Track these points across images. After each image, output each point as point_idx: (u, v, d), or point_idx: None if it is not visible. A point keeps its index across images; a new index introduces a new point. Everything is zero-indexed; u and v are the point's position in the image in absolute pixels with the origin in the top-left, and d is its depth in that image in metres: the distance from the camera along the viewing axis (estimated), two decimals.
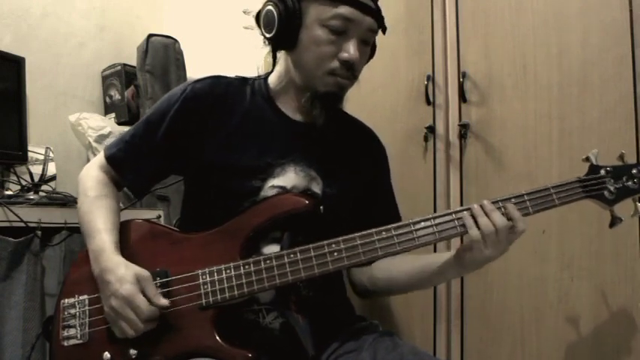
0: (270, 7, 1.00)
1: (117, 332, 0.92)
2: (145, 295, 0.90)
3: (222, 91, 1.07)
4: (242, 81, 1.11)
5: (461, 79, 1.44)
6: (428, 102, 1.48)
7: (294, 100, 1.07)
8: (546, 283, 1.29)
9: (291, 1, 0.98)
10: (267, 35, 1.02)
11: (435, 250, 1.42)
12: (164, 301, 0.91)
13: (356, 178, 1.11)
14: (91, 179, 1.08)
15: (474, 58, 1.43)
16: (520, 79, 1.36)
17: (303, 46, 1.00)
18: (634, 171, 0.96)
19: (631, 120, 1.19)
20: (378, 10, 1.02)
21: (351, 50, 0.98)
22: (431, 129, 1.48)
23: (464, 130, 1.43)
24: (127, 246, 1.00)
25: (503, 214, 0.92)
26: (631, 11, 1.19)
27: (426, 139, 1.49)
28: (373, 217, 1.05)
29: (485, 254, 0.92)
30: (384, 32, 1.05)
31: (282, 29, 0.99)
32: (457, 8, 1.46)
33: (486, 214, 0.91)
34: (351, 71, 1.01)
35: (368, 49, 1.05)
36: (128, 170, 1.09)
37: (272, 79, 1.11)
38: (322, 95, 1.01)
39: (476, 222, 0.91)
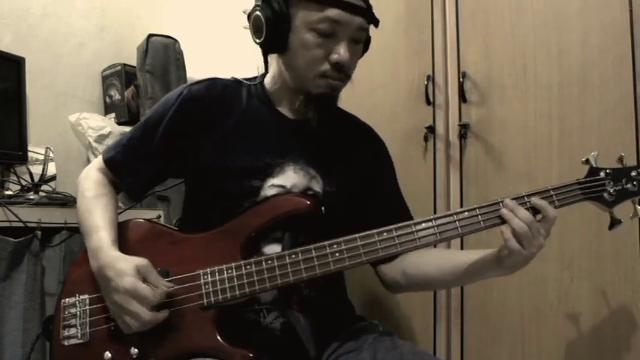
0: (257, 13, 0.99)
1: (123, 328, 0.91)
2: (148, 285, 0.90)
3: (218, 92, 1.07)
4: (238, 83, 1.12)
5: (461, 79, 1.44)
6: (428, 102, 1.48)
7: (289, 101, 1.08)
8: (546, 283, 1.29)
9: (278, 5, 0.97)
10: (257, 40, 1.02)
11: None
12: (169, 284, 0.91)
13: (355, 175, 1.11)
14: (89, 181, 1.08)
15: (474, 58, 1.44)
16: (520, 79, 1.36)
17: (293, 50, 1.00)
18: (633, 173, 0.95)
19: (631, 120, 1.19)
20: (368, 8, 1.01)
21: (341, 52, 0.97)
22: (431, 129, 1.48)
23: (464, 130, 1.43)
24: (127, 245, 1.00)
25: (527, 208, 0.90)
26: (631, 11, 1.19)
27: (426, 139, 1.49)
28: (374, 215, 1.06)
29: (525, 254, 0.90)
30: (376, 26, 1.04)
31: (271, 34, 0.99)
32: (457, 8, 1.46)
33: (515, 215, 0.89)
34: (342, 72, 1.00)
35: (359, 47, 1.04)
36: (126, 174, 1.09)
37: (267, 81, 1.11)
38: (315, 97, 1.01)
39: (512, 229, 0.89)
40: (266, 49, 1.04)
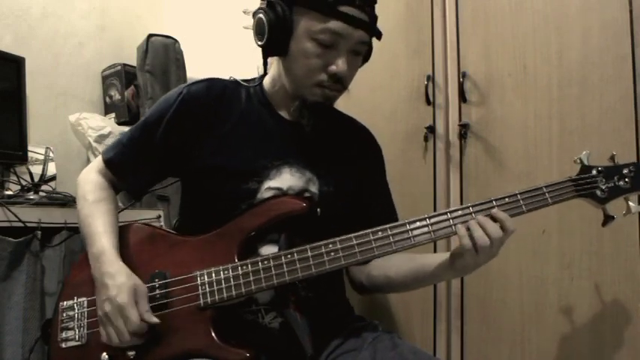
0: (260, 15, 0.99)
1: (103, 337, 0.92)
2: (137, 309, 0.90)
3: (218, 93, 1.07)
4: (237, 83, 1.12)
5: (461, 79, 1.43)
6: (428, 102, 1.48)
7: (287, 104, 1.08)
8: (546, 283, 1.28)
9: (281, 10, 0.97)
10: (259, 43, 1.02)
11: (435, 248, 1.43)
12: (154, 319, 0.91)
13: (351, 175, 1.11)
14: (89, 183, 1.09)
15: (474, 58, 1.43)
16: (520, 79, 1.35)
17: (293, 56, 1.00)
18: (625, 171, 0.96)
19: (631, 120, 1.19)
20: (372, 22, 1.00)
21: (339, 64, 0.97)
22: (431, 129, 1.48)
23: (464, 130, 1.43)
24: (126, 249, 1.00)
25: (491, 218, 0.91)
26: (631, 11, 1.19)
27: (426, 139, 1.49)
28: (370, 215, 1.06)
29: (477, 261, 0.92)
30: (378, 39, 1.05)
31: (272, 38, 0.98)
32: (457, 8, 1.46)
33: (481, 227, 0.90)
34: (339, 83, 1.00)
35: (359, 58, 1.04)
36: (126, 174, 1.09)
37: (266, 82, 1.11)
38: (310, 105, 1.01)
39: (470, 233, 0.90)
40: (266, 52, 1.04)
